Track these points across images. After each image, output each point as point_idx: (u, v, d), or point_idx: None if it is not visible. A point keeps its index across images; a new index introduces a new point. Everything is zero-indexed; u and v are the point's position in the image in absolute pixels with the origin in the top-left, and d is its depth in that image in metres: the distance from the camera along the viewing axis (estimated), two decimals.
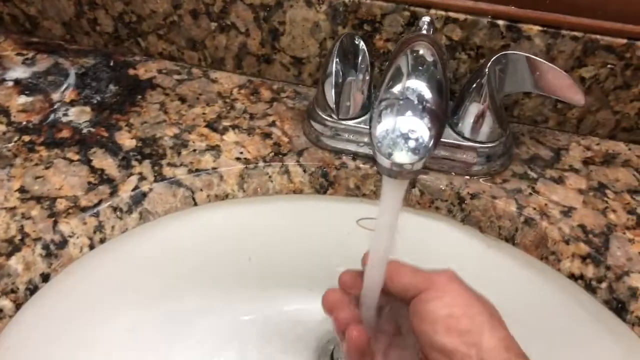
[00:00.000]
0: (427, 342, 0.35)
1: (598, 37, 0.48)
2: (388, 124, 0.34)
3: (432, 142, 0.34)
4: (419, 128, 0.34)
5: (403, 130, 0.34)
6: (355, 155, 0.51)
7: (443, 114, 0.35)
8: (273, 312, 0.54)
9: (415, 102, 0.35)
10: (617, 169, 0.52)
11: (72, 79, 0.57)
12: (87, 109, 0.54)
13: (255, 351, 0.52)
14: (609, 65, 0.50)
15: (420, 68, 0.37)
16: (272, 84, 0.58)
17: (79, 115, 0.53)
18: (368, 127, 0.49)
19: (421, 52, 0.39)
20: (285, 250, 0.52)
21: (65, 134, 0.51)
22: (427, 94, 0.35)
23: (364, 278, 0.39)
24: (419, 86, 0.35)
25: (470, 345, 0.33)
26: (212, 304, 0.52)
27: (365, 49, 0.48)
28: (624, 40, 0.48)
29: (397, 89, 0.36)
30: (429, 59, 0.38)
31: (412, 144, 0.34)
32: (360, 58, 0.48)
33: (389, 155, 0.34)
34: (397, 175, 0.34)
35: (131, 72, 0.59)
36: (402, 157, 0.33)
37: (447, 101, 0.36)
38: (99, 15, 0.58)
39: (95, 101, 0.55)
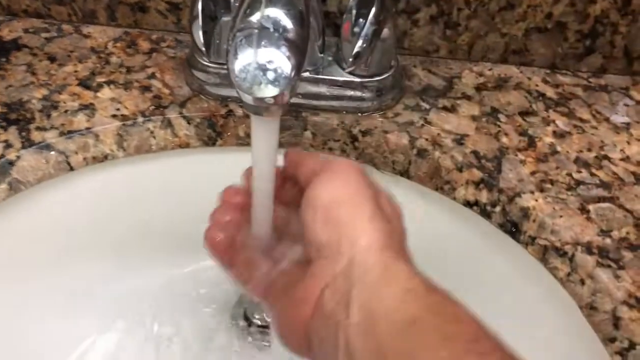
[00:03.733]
0: (306, 235, 0.31)
1: None
2: (246, 58, 0.32)
3: (293, 72, 0.32)
4: (277, 58, 0.32)
5: (260, 62, 0.31)
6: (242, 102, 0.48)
7: (303, 43, 0.33)
8: (174, 274, 0.52)
9: (271, 30, 0.32)
10: (509, 92, 0.52)
11: None
12: None
13: (158, 317, 0.50)
14: None
15: None
16: (151, 34, 0.54)
17: None
18: None
19: None
20: (177, 209, 0.49)
21: None
22: (286, 22, 0.33)
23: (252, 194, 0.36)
24: (276, 14, 0.33)
25: (344, 239, 0.29)
26: (103, 272, 0.49)
27: None
28: None
29: (254, 18, 0.33)
30: None
31: (271, 75, 0.31)
32: None
33: (249, 90, 0.31)
34: (262, 112, 0.32)
35: None
36: (262, 90, 0.31)
37: (307, 30, 0.34)
38: None
39: None
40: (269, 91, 0.31)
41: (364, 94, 0.48)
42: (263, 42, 0.32)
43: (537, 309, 0.44)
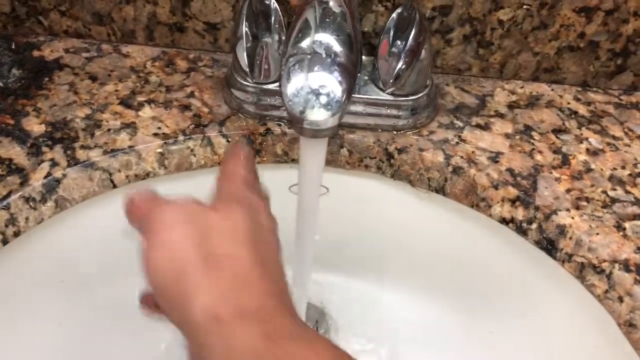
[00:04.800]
0: None
1: None
2: (298, 82, 0.33)
3: (344, 96, 0.33)
4: (330, 83, 0.33)
5: (313, 87, 0.32)
6: (280, 120, 0.49)
7: (354, 67, 0.34)
8: None
9: (324, 55, 0.33)
10: (542, 110, 0.52)
11: None
12: None
13: None
14: (525, 6, 0.49)
15: (328, 20, 0.35)
16: (188, 53, 0.55)
17: None
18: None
19: (331, 3, 0.37)
20: None
21: None
22: (336, 47, 0.34)
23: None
24: (328, 39, 0.34)
25: (181, 322, 0.27)
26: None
27: (278, 8, 0.46)
28: None
29: (305, 43, 0.34)
30: (338, 10, 0.36)
31: (323, 99, 0.32)
32: (272, 18, 0.46)
33: (302, 114, 0.32)
34: (312, 134, 0.33)
35: (36, 53, 0.55)
36: (315, 114, 0.32)
37: (358, 54, 0.35)
38: None
39: None
40: (322, 114, 0.32)
41: (399, 113, 0.48)
42: (316, 67, 0.33)
43: (575, 326, 0.44)
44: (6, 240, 0.43)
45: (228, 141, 0.48)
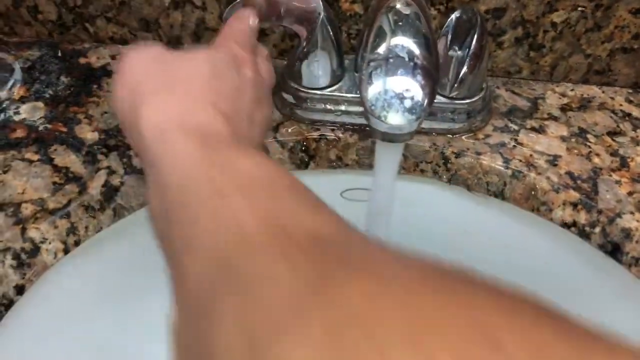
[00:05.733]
0: None
1: None
2: (379, 86, 0.32)
3: (427, 100, 0.32)
4: (412, 86, 0.32)
5: (397, 90, 0.32)
6: (333, 125, 0.49)
7: (435, 70, 0.33)
8: None
9: (406, 59, 0.33)
10: (594, 112, 0.52)
11: (18, 74, 0.52)
12: (40, 104, 0.50)
13: None
14: (579, 8, 0.49)
15: (403, 23, 0.35)
16: None
17: (32, 112, 0.49)
18: (343, 94, 0.47)
19: (400, 6, 0.37)
20: None
21: (19, 133, 0.47)
22: (416, 50, 0.33)
23: None
24: (406, 43, 0.34)
25: (130, 129, 0.30)
26: None
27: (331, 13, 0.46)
28: None
29: (383, 48, 0.34)
30: (411, 13, 0.36)
31: (407, 103, 0.32)
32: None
33: (384, 118, 0.32)
34: (393, 139, 0.33)
35: (82, 60, 0.54)
36: (398, 118, 0.32)
37: (437, 55, 0.34)
38: (40, 1, 0.53)
39: (47, 95, 0.51)
40: (405, 119, 0.32)
41: (454, 116, 0.48)
42: (399, 71, 0.32)
43: None
44: (67, 249, 0.42)
45: (282, 147, 0.48)
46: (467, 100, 0.48)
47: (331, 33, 0.46)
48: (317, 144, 0.48)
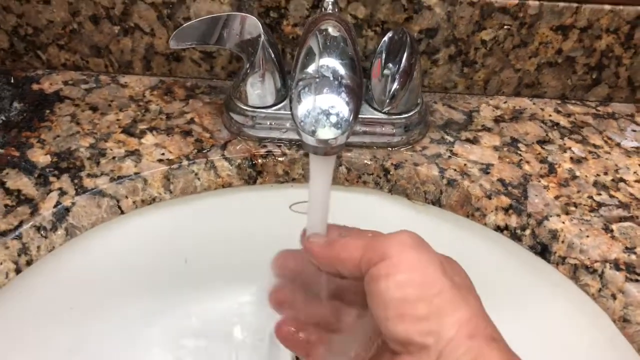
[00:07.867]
0: (382, 328, 0.30)
1: (492, 0, 0.51)
2: (308, 104, 0.35)
3: (352, 115, 0.35)
4: (338, 103, 0.35)
5: (323, 107, 0.35)
6: (279, 142, 0.51)
7: (359, 88, 0.36)
8: (217, 309, 0.54)
9: (331, 78, 0.35)
10: (526, 123, 0.55)
11: None
12: None
13: (203, 351, 0.52)
14: (505, 26, 0.53)
15: (331, 45, 0.38)
16: (185, 81, 0.57)
17: None
18: (288, 112, 0.50)
19: (330, 30, 0.40)
20: (221, 246, 0.52)
21: None
22: (342, 70, 0.36)
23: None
24: (333, 63, 0.36)
25: (427, 335, 0.28)
26: (152, 311, 0.51)
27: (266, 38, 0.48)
28: (516, 1, 0.51)
29: (311, 68, 0.36)
30: (338, 36, 0.39)
31: (333, 119, 0.34)
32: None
33: (313, 133, 0.34)
34: (323, 152, 0.35)
35: (35, 87, 0.56)
36: (326, 133, 0.34)
37: (361, 75, 0.37)
38: None
39: (0, 121, 0.52)
40: (332, 133, 0.34)
41: (393, 130, 0.51)
42: (325, 89, 0.35)
43: (572, 325, 0.47)
44: (19, 269, 0.43)
45: (230, 164, 0.50)
46: (404, 115, 0.51)
47: (272, 55, 0.48)
48: (264, 160, 0.51)
